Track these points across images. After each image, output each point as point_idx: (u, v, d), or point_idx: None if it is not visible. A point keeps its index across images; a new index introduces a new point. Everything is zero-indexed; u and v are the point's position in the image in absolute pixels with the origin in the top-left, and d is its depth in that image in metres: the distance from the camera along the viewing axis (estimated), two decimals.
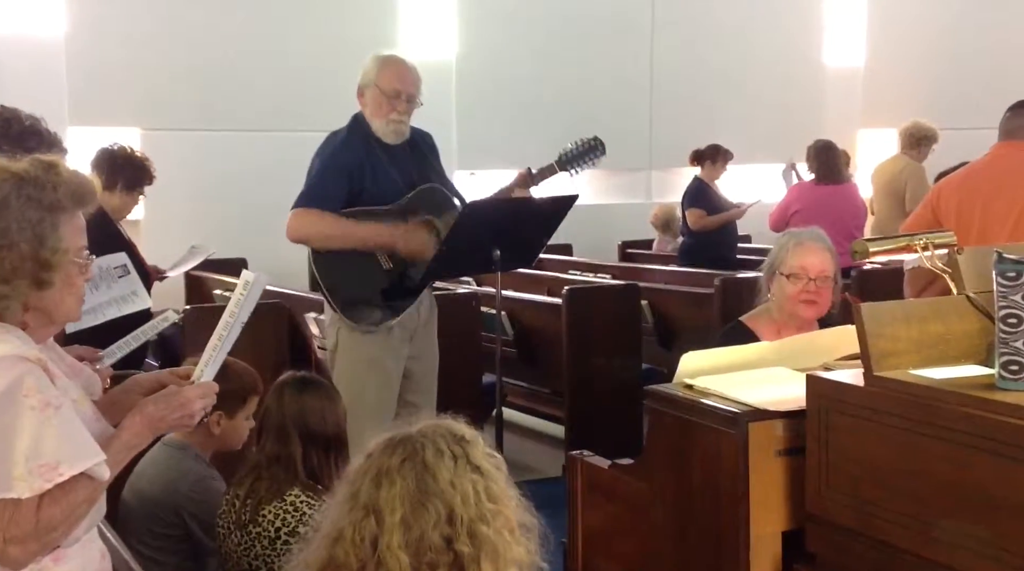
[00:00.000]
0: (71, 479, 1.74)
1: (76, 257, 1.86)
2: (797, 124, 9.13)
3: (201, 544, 2.97)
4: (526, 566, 1.64)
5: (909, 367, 2.03)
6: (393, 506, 1.57)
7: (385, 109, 3.66)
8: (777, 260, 3.14)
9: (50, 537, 1.77)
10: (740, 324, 3.19)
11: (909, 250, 2.38)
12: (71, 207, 1.85)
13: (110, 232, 4.20)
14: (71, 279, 1.86)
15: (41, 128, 2.77)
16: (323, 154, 3.70)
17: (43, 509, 1.73)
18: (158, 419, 1.91)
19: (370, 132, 3.69)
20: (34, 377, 1.76)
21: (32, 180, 1.82)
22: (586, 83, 8.88)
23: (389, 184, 3.67)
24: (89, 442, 1.79)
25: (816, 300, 3.08)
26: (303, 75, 7.53)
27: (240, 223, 7.13)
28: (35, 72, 6.81)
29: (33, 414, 1.73)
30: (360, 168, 3.63)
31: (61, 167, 1.87)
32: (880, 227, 6.80)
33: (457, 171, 8.60)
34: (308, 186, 3.66)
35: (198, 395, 1.96)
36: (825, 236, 3.21)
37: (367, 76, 3.70)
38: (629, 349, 5.19)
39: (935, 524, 1.90)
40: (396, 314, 3.67)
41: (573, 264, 7.32)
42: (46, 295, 1.83)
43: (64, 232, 1.83)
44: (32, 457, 1.71)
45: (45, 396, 1.75)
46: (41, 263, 1.80)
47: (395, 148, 3.71)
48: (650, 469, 2.49)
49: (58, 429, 1.74)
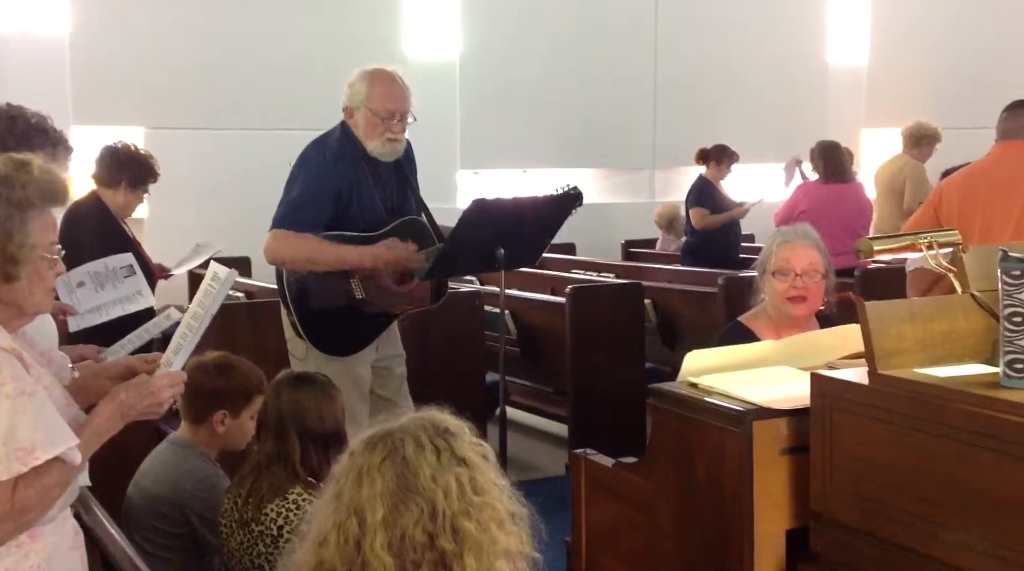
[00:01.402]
0: (46, 463, 1.82)
1: (45, 252, 1.92)
2: (800, 123, 9.13)
3: (205, 542, 2.97)
4: (518, 556, 1.61)
5: (914, 366, 2.02)
6: (374, 506, 1.55)
7: (380, 130, 3.54)
8: (765, 259, 3.14)
9: (25, 518, 1.86)
10: (739, 324, 3.18)
11: (914, 249, 2.37)
12: (40, 204, 1.92)
13: (114, 229, 4.21)
14: (40, 273, 1.93)
15: (47, 126, 2.78)
16: (309, 167, 3.54)
17: (18, 491, 1.82)
18: (128, 406, 1.98)
19: (359, 147, 3.57)
20: (9, 366, 1.83)
21: (2, 178, 1.89)
22: (590, 83, 8.89)
23: (371, 207, 3.58)
24: (63, 427, 1.87)
25: (805, 296, 3.06)
26: (307, 74, 7.53)
27: (244, 221, 7.08)
28: (39, 71, 6.82)
29: (8, 402, 1.81)
30: (348, 190, 3.52)
31: (34, 165, 1.93)
32: (880, 226, 6.80)
33: (460, 170, 8.62)
34: (290, 206, 3.49)
35: (167, 384, 2.03)
36: (813, 233, 3.17)
37: (356, 96, 3.55)
38: (632, 348, 5.19)
39: (940, 523, 1.90)
40: (367, 344, 3.63)
41: (576, 263, 7.32)
42: (15, 288, 1.90)
43: (32, 228, 1.89)
44: (9, 441, 1.79)
45: (20, 384, 1.83)
46: (8, 257, 1.88)
47: (382, 165, 3.61)
48: (654, 467, 2.49)
49: (33, 415, 1.82)
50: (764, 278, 3.14)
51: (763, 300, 3.19)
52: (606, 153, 9.12)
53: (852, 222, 6.11)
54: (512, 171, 8.88)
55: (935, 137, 7.04)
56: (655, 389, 2.49)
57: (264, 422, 2.82)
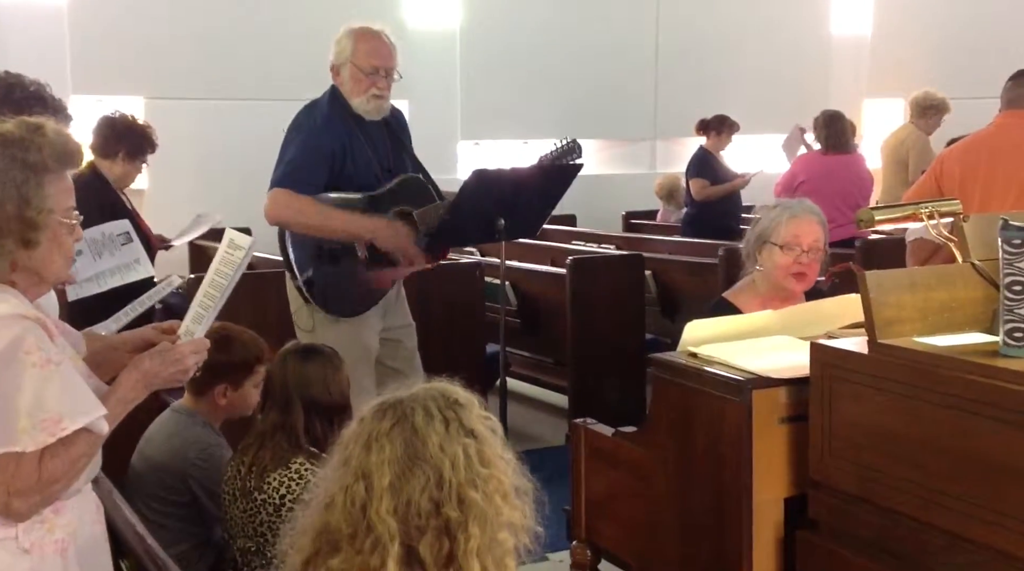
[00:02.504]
0: (73, 433, 1.79)
1: (64, 217, 1.88)
2: (803, 93, 9.09)
3: (207, 511, 2.99)
4: (520, 530, 1.63)
5: (913, 335, 2.03)
6: (382, 471, 1.57)
7: (364, 85, 3.55)
8: (769, 231, 3.07)
9: (52, 490, 1.81)
10: (724, 300, 3.14)
11: (915, 219, 2.37)
12: (56, 168, 1.87)
13: (112, 200, 4.20)
14: (59, 238, 1.88)
15: (45, 94, 2.76)
16: (301, 131, 3.55)
17: (45, 462, 1.78)
18: (152, 374, 1.96)
19: (349, 109, 3.58)
20: (34, 335, 1.79)
21: (17, 141, 1.84)
22: (591, 53, 8.84)
23: (366, 166, 3.58)
24: (90, 397, 1.83)
25: (806, 272, 3.06)
26: (307, 43, 7.41)
27: (244, 191, 7.04)
28: (38, 40, 6.78)
29: (35, 371, 1.77)
30: (342, 150, 3.52)
31: (47, 128, 1.89)
32: (886, 196, 6.79)
33: (461, 141, 8.59)
34: (289, 166, 3.50)
35: (191, 350, 2.00)
36: (817, 209, 3.16)
37: (342, 53, 3.57)
38: (632, 319, 5.20)
39: (938, 490, 1.91)
40: (373, 303, 3.63)
41: (577, 234, 7.31)
42: (34, 254, 1.86)
43: (49, 191, 1.85)
44: (35, 412, 1.76)
45: (46, 353, 1.79)
46: (27, 222, 1.83)
47: (372, 126, 3.62)
48: (654, 436, 2.50)
49: (60, 384, 1.78)
50: (763, 249, 3.08)
51: (754, 272, 3.13)
52: (607, 123, 9.08)
53: (851, 193, 6.09)
54: (513, 142, 8.85)
55: (942, 107, 6.98)
56: (655, 359, 2.49)
57: (269, 392, 2.83)
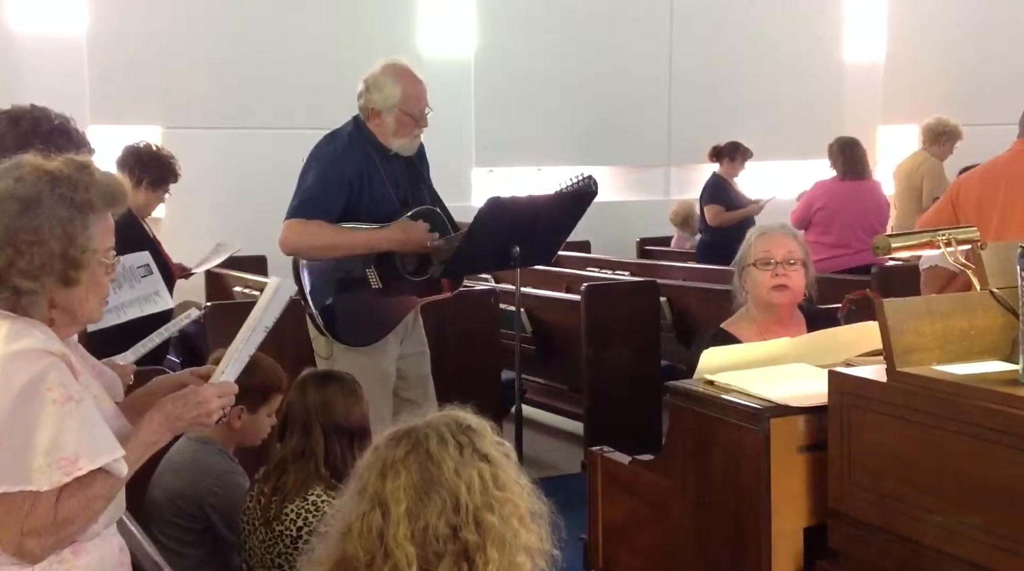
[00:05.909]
0: (89, 473, 1.76)
1: (103, 257, 1.89)
2: (816, 120, 9.09)
3: (223, 538, 2.99)
4: (536, 553, 1.63)
5: (932, 363, 2.02)
6: (398, 497, 1.57)
7: (410, 128, 3.61)
8: (745, 255, 3.16)
9: (67, 531, 1.79)
10: (722, 330, 3.17)
11: (931, 246, 2.36)
12: (102, 208, 1.88)
13: (135, 229, 4.23)
14: (97, 278, 1.89)
15: (70, 127, 2.78)
16: (320, 161, 3.58)
17: (61, 502, 1.75)
18: (175, 417, 1.93)
19: (372, 141, 3.60)
20: (57, 371, 1.78)
21: (65, 179, 1.85)
22: (605, 80, 8.88)
23: (383, 198, 3.60)
24: (108, 437, 1.81)
25: (787, 283, 3.09)
26: (324, 73, 7.55)
27: (261, 220, 7.12)
28: (56, 70, 6.84)
29: (55, 408, 1.75)
30: (360, 179, 3.55)
31: (94, 168, 1.90)
32: (900, 223, 6.77)
33: (476, 168, 8.63)
34: (305, 195, 3.52)
35: (216, 393, 1.98)
36: (789, 225, 3.23)
37: (388, 99, 3.57)
38: (648, 346, 5.19)
39: (959, 520, 1.89)
40: (390, 329, 3.64)
41: (591, 261, 7.31)
42: (72, 293, 1.86)
43: (94, 232, 1.86)
44: (52, 450, 1.73)
45: (67, 390, 1.77)
46: (70, 261, 1.83)
47: (392, 157, 3.65)
48: (671, 465, 2.49)
49: (79, 423, 1.76)
50: (745, 275, 3.16)
51: (744, 301, 3.19)
52: (621, 150, 9.11)
53: (869, 219, 6.08)
54: (527, 168, 8.89)
55: (955, 134, 6.97)
56: (672, 386, 2.49)
57: (290, 419, 2.83)
